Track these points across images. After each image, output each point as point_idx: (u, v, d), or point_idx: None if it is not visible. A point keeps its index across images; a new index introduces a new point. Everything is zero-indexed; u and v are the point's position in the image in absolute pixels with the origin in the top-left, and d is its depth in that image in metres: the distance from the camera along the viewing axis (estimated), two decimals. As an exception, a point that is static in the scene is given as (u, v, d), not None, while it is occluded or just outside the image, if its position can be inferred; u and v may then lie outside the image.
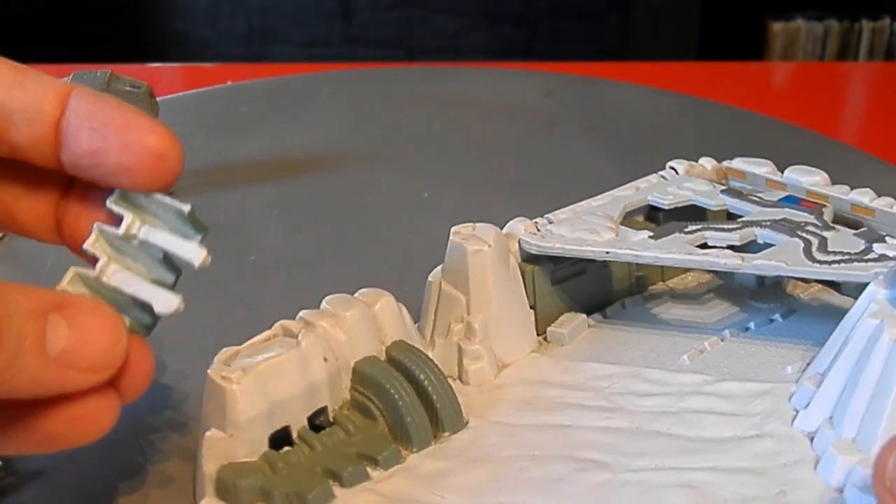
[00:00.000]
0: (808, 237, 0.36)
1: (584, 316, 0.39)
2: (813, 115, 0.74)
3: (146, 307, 0.28)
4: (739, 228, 0.37)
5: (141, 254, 0.29)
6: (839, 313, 0.33)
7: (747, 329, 0.38)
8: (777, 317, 0.39)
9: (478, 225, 0.38)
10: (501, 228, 0.39)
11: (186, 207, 0.28)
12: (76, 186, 0.30)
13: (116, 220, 0.29)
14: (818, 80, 0.89)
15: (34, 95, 0.28)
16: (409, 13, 2.23)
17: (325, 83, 0.75)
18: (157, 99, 0.51)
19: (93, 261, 0.29)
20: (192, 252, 0.28)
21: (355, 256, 0.50)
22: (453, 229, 0.38)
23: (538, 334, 0.39)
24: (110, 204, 0.29)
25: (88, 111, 0.28)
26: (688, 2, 1.90)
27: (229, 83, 0.74)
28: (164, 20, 2.29)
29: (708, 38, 1.87)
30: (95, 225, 0.29)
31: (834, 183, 0.41)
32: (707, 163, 0.44)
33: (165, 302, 0.28)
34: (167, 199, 0.28)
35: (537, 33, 2.24)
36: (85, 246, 0.29)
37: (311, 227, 0.53)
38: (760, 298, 0.40)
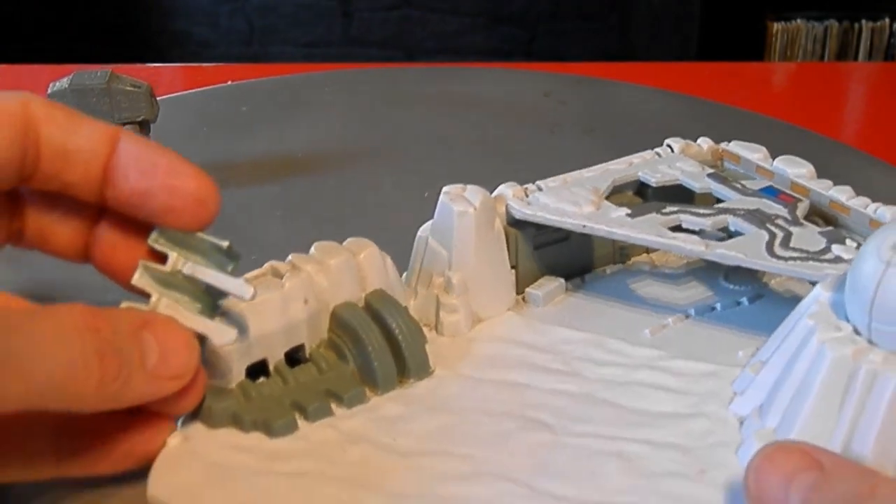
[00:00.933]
0: (775, 230, 0.37)
1: (562, 280, 0.42)
2: (813, 115, 0.74)
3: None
4: (714, 214, 0.39)
5: (186, 286, 0.32)
6: (802, 303, 0.35)
7: (713, 309, 0.40)
8: (744, 300, 0.40)
9: (468, 187, 0.40)
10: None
11: (224, 243, 0.32)
12: (107, 215, 0.33)
13: (156, 254, 0.32)
14: (818, 80, 0.88)
15: (88, 138, 0.31)
16: (409, 13, 2.24)
17: (325, 83, 0.75)
18: (158, 99, 0.52)
19: (142, 293, 0.32)
20: (241, 288, 0.32)
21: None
22: (444, 189, 0.40)
23: (518, 294, 0.41)
24: (152, 242, 0.32)
25: (137, 154, 0.31)
26: (688, 2, 1.87)
27: (229, 83, 0.75)
28: (164, 20, 2.31)
29: (708, 38, 1.84)
30: (140, 262, 0.32)
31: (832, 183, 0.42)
32: (704, 143, 0.46)
33: (221, 335, 0.32)
34: (206, 237, 0.32)
35: (537, 33, 2.24)
36: (133, 282, 0.32)
37: (311, 226, 0.53)
38: (733, 279, 0.42)
